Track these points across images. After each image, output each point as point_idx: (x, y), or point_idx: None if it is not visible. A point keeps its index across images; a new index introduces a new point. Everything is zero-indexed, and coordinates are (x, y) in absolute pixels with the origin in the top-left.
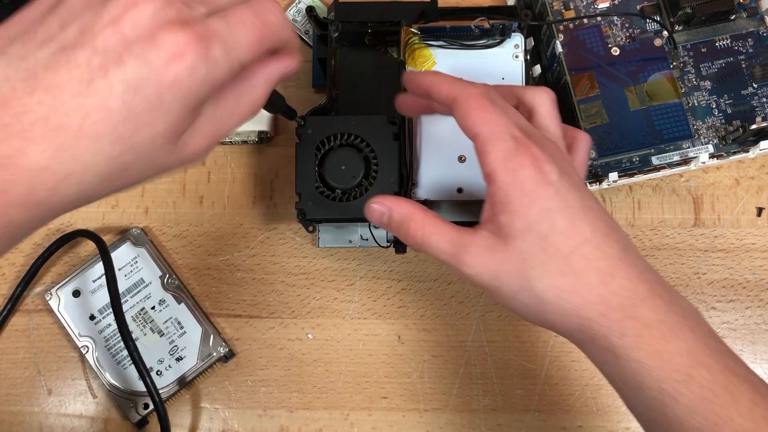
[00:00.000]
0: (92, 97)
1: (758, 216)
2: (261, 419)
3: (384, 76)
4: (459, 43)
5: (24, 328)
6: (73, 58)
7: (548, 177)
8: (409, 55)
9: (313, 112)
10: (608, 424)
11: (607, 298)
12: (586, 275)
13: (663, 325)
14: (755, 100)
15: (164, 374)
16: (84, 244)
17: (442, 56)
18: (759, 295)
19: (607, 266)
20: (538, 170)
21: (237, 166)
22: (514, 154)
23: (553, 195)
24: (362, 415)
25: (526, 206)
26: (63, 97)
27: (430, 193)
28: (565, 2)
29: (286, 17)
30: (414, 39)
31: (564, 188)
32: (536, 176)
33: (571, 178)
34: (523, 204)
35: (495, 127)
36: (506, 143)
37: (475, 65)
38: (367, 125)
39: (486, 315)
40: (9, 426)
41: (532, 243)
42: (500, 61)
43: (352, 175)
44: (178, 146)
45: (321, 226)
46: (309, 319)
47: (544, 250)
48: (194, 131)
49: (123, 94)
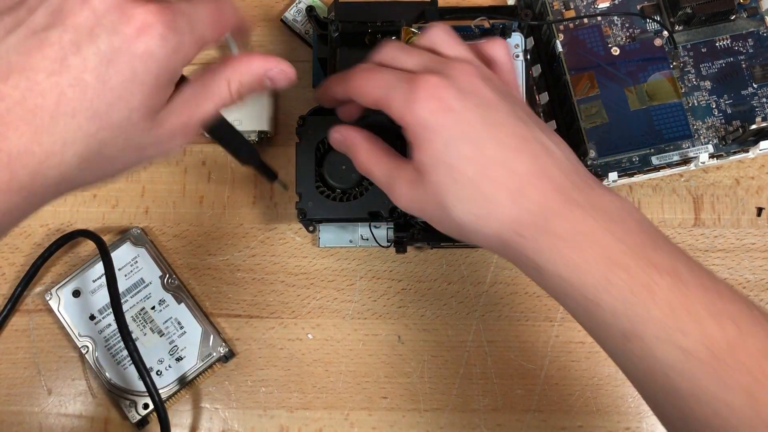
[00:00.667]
0: (66, 74)
1: (758, 216)
2: (261, 419)
3: None
4: None
5: (24, 328)
6: (45, 38)
7: (447, 104)
8: None
9: (313, 112)
10: (608, 424)
11: (520, 217)
12: (498, 197)
13: (578, 235)
14: (755, 100)
15: (164, 374)
16: (84, 244)
17: None
18: (759, 295)
19: (516, 185)
20: (436, 100)
21: (237, 166)
22: (409, 92)
23: (453, 124)
24: (362, 415)
25: (429, 140)
26: (37, 78)
27: None
28: (565, 2)
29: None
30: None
31: (467, 110)
32: (434, 107)
33: (479, 96)
34: (427, 139)
35: (385, 82)
36: (401, 88)
37: None
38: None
39: (486, 315)
40: (9, 426)
41: (442, 175)
42: None
43: (352, 175)
44: (155, 124)
45: (321, 226)
46: (309, 319)
47: (455, 180)
48: (170, 109)
49: (96, 67)
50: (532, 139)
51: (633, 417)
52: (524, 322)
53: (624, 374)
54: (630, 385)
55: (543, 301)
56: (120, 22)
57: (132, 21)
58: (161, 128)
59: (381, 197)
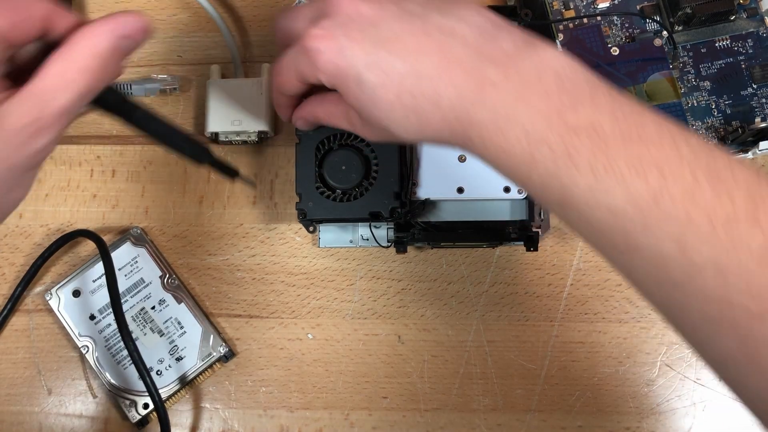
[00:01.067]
0: None
1: None
2: (261, 419)
3: None
4: None
5: (24, 328)
6: None
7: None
8: None
9: None
10: (608, 424)
11: (448, 119)
12: (423, 107)
13: (499, 119)
14: (755, 100)
15: (164, 374)
16: (84, 244)
17: None
18: None
19: (432, 88)
20: (327, 49)
21: (237, 166)
22: (306, 57)
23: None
24: (362, 415)
25: (345, 87)
26: None
27: (431, 192)
28: (565, 2)
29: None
30: None
31: (356, 41)
32: (329, 57)
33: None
34: (342, 86)
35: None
36: (300, 60)
37: None
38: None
39: (486, 315)
40: (9, 426)
41: (373, 110)
42: None
43: (353, 176)
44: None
45: (321, 226)
46: (309, 319)
47: (383, 109)
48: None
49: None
50: (432, 30)
51: (633, 417)
52: (524, 322)
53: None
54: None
55: (543, 301)
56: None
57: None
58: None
59: (381, 198)
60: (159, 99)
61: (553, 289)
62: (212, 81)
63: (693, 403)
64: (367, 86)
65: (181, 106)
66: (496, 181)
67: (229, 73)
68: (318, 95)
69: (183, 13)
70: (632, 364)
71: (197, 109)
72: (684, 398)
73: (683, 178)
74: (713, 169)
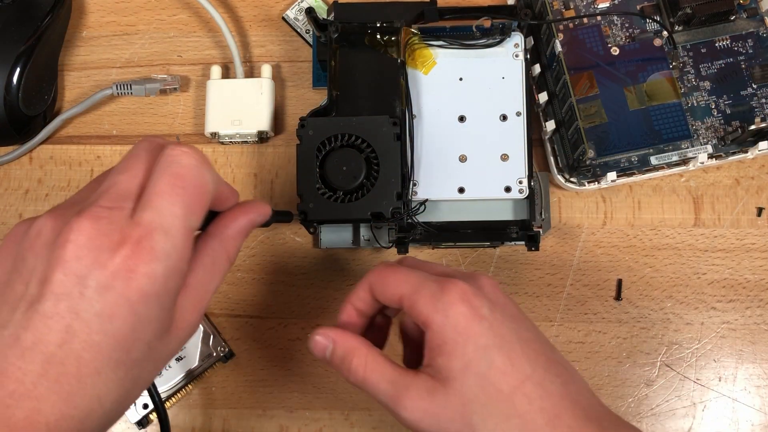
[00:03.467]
0: (76, 340)
1: (758, 216)
2: (261, 419)
3: (384, 76)
4: (459, 43)
5: None
6: (41, 310)
7: (480, 312)
8: (409, 55)
9: (313, 114)
10: None
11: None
12: (532, 416)
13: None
14: (754, 100)
15: (164, 374)
16: None
17: (443, 56)
18: (759, 295)
19: (551, 405)
20: (468, 305)
21: (237, 166)
22: (441, 293)
23: (487, 330)
24: (363, 415)
25: (462, 345)
26: (50, 350)
27: (431, 193)
28: (565, 2)
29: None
30: (414, 39)
31: (498, 322)
32: (467, 312)
33: (505, 310)
34: (459, 343)
35: (413, 279)
36: (430, 287)
37: (475, 65)
38: (368, 126)
39: None
40: None
41: (471, 384)
42: (500, 60)
43: (354, 176)
44: (173, 332)
45: (322, 226)
46: (309, 319)
47: (485, 390)
48: (181, 310)
49: (101, 326)
50: (558, 362)
51: (633, 417)
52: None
53: None
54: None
55: (543, 301)
56: (104, 275)
57: (116, 271)
58: (179, 330)
59: (383, 198)
60: (159, 99)
61: (552, 289)
62: (212, 81)
63: (693, 403)
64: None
65: (181, 106)
66: (497, 180)
67: (229, 73)
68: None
69: (183, 13)
70: (632, 364)
71: (197, 109)
72: (684, 398)
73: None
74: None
